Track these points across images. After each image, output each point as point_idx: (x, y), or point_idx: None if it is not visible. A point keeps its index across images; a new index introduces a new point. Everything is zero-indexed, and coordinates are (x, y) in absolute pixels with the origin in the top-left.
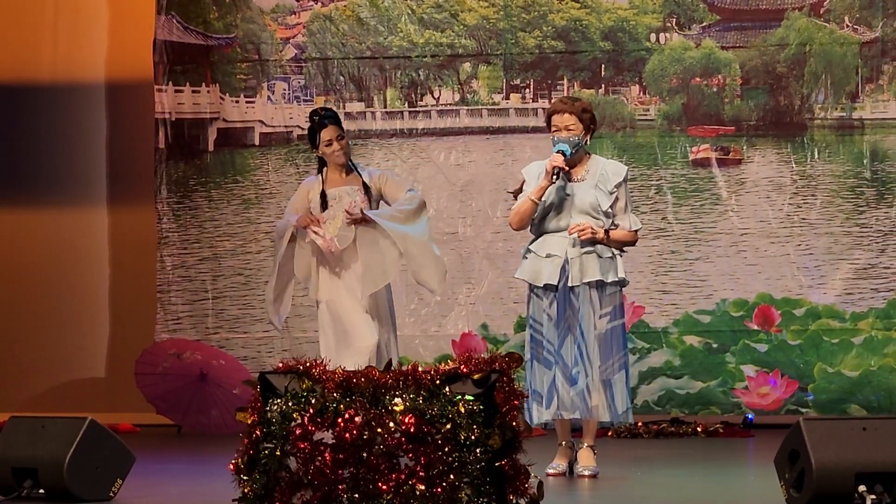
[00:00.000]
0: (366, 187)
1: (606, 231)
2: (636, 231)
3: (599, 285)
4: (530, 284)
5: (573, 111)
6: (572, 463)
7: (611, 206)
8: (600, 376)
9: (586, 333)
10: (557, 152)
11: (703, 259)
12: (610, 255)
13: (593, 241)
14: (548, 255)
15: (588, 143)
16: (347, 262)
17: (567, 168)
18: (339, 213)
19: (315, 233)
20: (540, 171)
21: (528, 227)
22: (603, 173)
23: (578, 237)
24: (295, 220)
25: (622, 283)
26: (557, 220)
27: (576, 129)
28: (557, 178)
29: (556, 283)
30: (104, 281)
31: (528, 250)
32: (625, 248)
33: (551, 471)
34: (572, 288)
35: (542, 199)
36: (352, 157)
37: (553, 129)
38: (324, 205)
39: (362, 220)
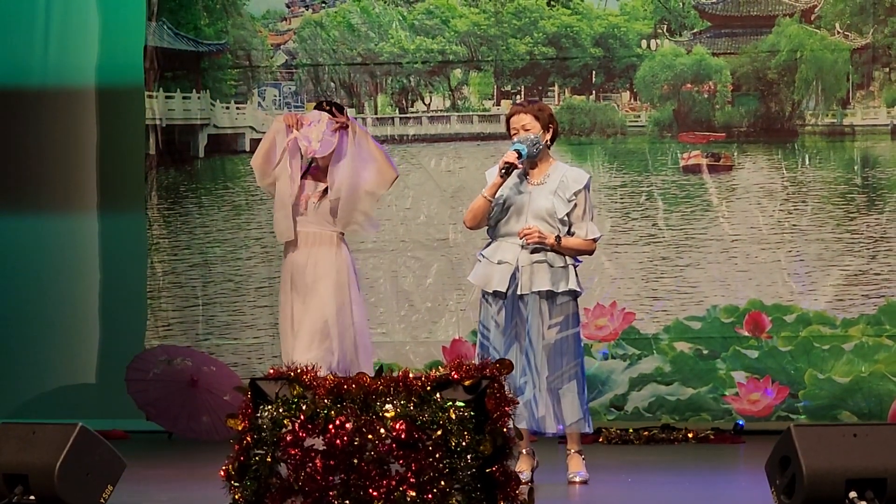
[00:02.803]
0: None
1: (557, 237)
2: (594, 240)
3: (550, 295)
4: (483, 290)
5: (528, 111)
6: (534, 470)
7: (568, 214)
8: (548, 386)
9: (534, 343)
10: (512, 150)
11: (693, 265)
12: (562, 264)
13: (543, 247)
14: (499, 262)
15: (549, 143)
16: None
17: (520, 166)
18: (323, 116)
19: (296, 138)
20: None
21: (485, 228)
22: (563, 180)
23: (526, 241)
24: (280, 119)
25: (575, 294)
26: (512, 224)
27: (533, 129)
28: (507, 175)
29: (505, 291)
30: (94, 287)
31: (483, 255)
32: (580, 258)
33: None
34: (521, 296)
35: (499, 199)
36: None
37: (512, 132)
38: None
39: (347, 127)
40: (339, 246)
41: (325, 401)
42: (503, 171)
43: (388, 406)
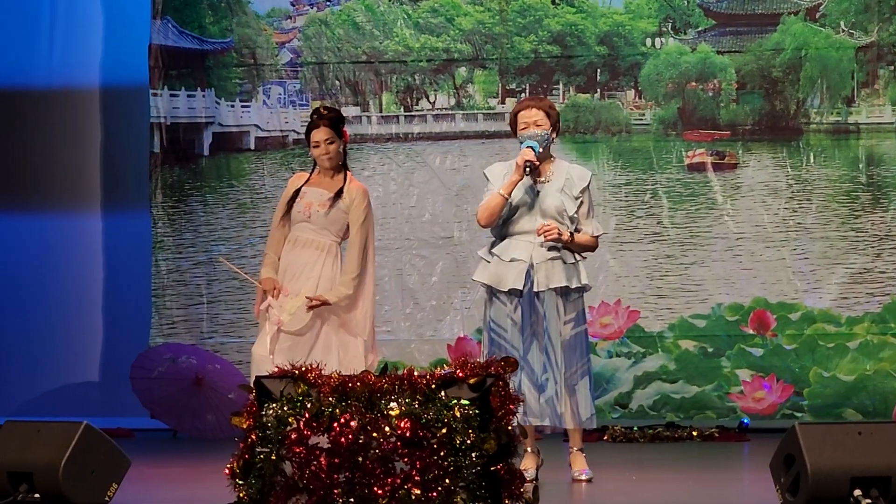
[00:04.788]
0: (339, 194)
1: (571, 234)
2: (598, 237)
3: (564, 291)
4: (491, 288)
5: (540, 107)
6: (539, 468)
7: (576, 212)
8: (566, 383)
9: (553, 340)
10: (527, 147)
11: (698, 263)
12: (573, 260)
13: (558, 244)
14: (512, 260)
15: (554, 141)
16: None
17: (538, 163)
18: (301, 292)
19: (270, 306)
20: (505, 172)
21: (493, 226)
22: (569, 178)
23: (545, 238)
24: (262, 280)
25: (585, 289)
26: (522, 222)
27: (544, 125)
28: (529, 173)
29: (521, 288)
30: (98, 285)
31: (492, 253)
32: (585, 254)
33: None
34: (537, 293)
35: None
36: (346, 163)
37: (521, 126)
38: (292, 200)
39: (323, 304)
40: (336, 256)
41: (330, 399)
42: (526, 169)
43: (392, 404)
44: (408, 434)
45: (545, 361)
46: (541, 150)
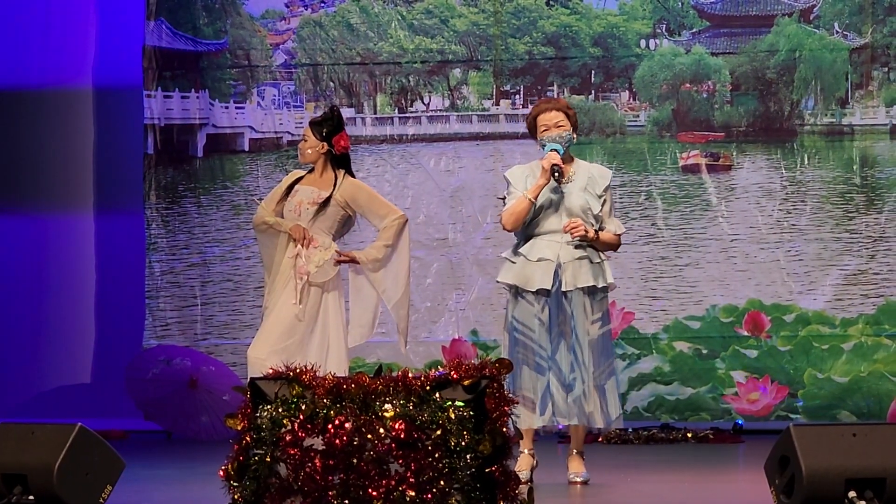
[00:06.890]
0: (328, 199)
1: (596, 231)
2: (620, 235)
3: (591, 291)
4: (516, 288)
5: (559, 108)
6: (534, 469)
7: (600, 210)
8: (594, 382)
9: (581, 339)
10: (552, 150)
11: (693, 265)
12: (599, 259)
13: (583, 242)
14: (539, 259)
15: (574, 140)
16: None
17: (562, 165)
18: (332, 245)
19: (298, 254)
20: (527, 174)
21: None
22: (591, 177)
23: (572, 234)
24: (290, 227)
25: (610, 288)
26: (548, 222)
27: (565, 126)
28: (557, 177)
29: (549, 288)
30: (91, 287)
31: (517, 254)
32: (608, 253)
33: None
34: (565, 293)
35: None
36: (342, 165)
37: (542, 129)
38: (285, 195)
39: (350, 261)
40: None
41: (325, 400)
42: (555, 173)
43: (387, 406)
44: (402, 436)
45: (573, 361)
46: (564, 151)
